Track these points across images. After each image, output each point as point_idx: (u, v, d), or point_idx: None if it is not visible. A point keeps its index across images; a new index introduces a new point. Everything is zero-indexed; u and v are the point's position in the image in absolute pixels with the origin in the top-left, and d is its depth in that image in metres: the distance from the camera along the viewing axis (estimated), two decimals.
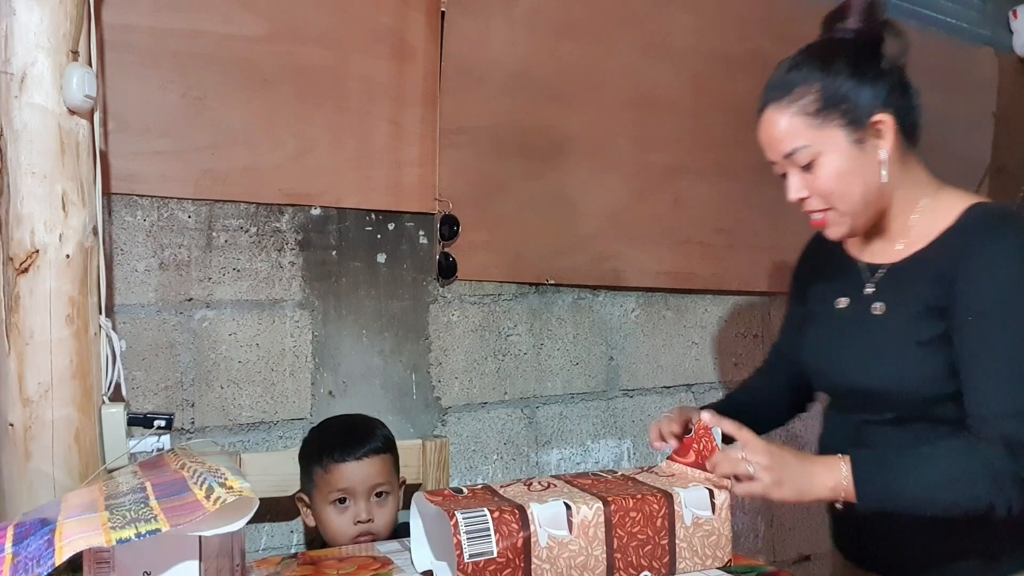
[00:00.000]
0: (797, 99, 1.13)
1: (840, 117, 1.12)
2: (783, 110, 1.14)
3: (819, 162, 1.13)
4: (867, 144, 1.13)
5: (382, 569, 1.14)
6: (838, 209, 1.16)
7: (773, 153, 1.17)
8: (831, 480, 1.08)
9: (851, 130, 1.12)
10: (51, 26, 1.18)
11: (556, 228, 1.84)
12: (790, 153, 1.14)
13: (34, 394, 1.18)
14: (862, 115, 1.12)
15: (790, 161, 1.15)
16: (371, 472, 1.39)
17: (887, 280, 1.20)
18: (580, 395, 1.92)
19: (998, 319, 1.07)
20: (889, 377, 1.15)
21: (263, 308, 1.56)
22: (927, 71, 2.47)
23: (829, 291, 1.28)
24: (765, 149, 1.18)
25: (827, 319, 1.27)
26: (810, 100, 1.12)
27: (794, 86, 1.14)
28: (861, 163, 1.13)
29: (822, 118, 1.12)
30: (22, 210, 1.18)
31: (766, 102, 1.16)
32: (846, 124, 1.12)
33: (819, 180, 1.14)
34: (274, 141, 1.53)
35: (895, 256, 1.20)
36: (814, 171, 1.14)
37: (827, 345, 1.26)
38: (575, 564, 1.06)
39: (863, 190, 1.15)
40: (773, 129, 1.15)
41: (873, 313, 1.19)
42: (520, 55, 1.77)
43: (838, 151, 1.13)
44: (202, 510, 0.86)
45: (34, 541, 0.84)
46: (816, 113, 1.12)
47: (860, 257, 1.25)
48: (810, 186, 1.15)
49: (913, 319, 1.14)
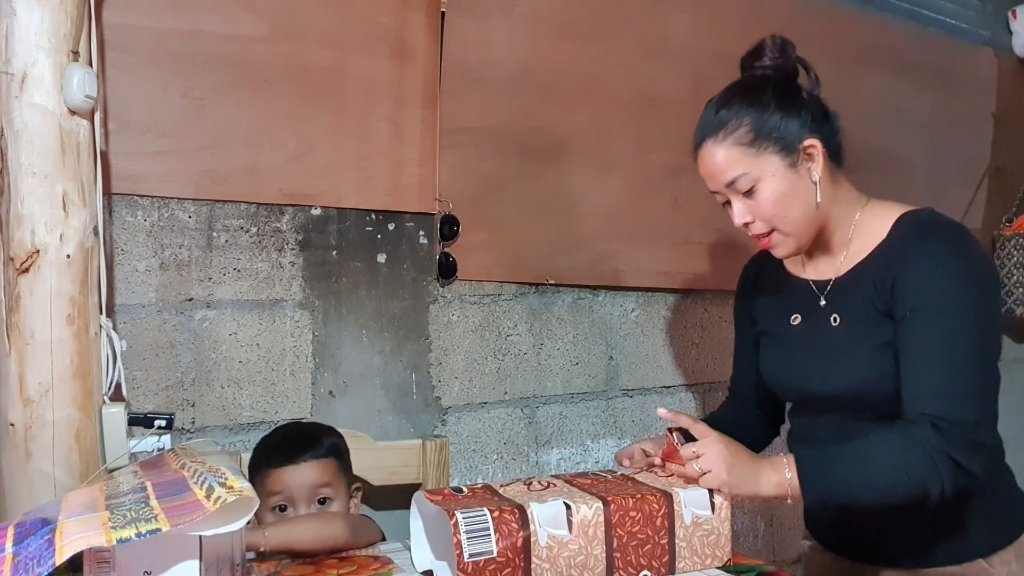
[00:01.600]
0: (731, 132, 1.20)
1: (773, 144, 1.19)
2: (719, 143, 1.21)
3: (759, 187, 1.20)
4: (800, 167, 1.21)
5: (382, 569, 1.14)
6: (781, 230, 1.23)
7: (715, 184, 1.24)
8: (775, 478, 1.14)
9: (784, 155, 1.20)
10: (52, 26, 1.18)
11: (556, 228, 1.84)
12: (731, 182, 1.21)
13: (35, 394, 1.18)
14: (793, 141, 1.20)
15: (732, 189, 1.22)
16: (310, 476, 1.34)
17: (836, 292, 1.27)
18: (580, 395, 1.92)
19: (929, 313, 1.14)
20: (854, 380, 1.21)
21: (263, 308, 1.56)
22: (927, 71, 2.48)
23: (781, 311, 1.34)
24: (708, 181, 1.25)
25: (784, 336, 1.33)
26: (743, 132, 1.20)
27: (727, 121, 1.21)
28: (797, 185, 1.20)
29: (756, 147, 1.19)
30: (23, 210, 1.18)
31: (702, 139, 1.23)
32: (779, 151, 1.20)
33: (761, 204, 1.21)
34: (274, 141, 1.53)
35: (839, 270, 1.27)
36: (755, 196, 1.21)
37: (790, 360, 1.32)
38: (575, 564, 1.06)
39: (803, 210, 1.22)
40: (712, 160, 1.22)
41: (832, 324, 1.25)
42: (520, 55, 1.77)
43: (775, 175, 1.20)
44: (202, 510, 0.86)
45: (34, 541, 0.84)
46: (751, 143, 1.20)
47: (805, 276, 1.32)
48: (753, 211, 1.22)
49: (865, 325, 1.21)
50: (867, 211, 1.26)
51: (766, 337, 1.38)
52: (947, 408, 1.11)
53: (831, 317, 1.25)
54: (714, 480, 1.13)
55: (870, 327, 1.20)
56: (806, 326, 1.30)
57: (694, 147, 1.25)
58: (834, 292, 1.27)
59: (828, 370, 1.24)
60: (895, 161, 2.27)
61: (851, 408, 1.22)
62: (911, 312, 1.15)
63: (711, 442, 1.15)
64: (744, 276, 1.48)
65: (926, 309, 1.14)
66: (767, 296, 1.39)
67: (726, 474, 1.13)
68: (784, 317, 1.33)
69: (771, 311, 1.37)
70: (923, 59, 2.38)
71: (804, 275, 1.32)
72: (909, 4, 2.40)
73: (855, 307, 1.23)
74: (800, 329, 1.30)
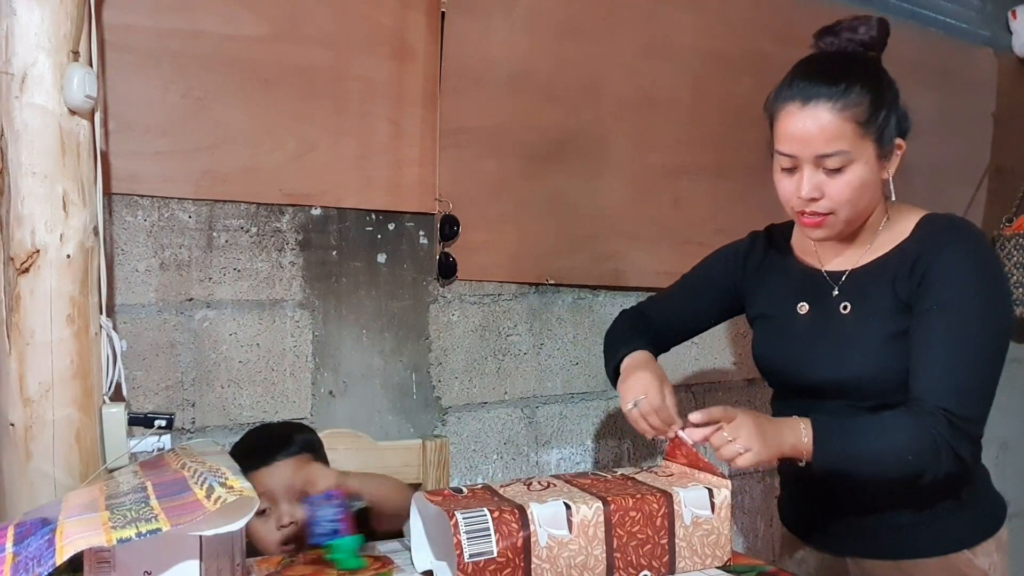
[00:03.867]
0: (852, 105, 1.15)
1: (876, 132, 1.17)
2: (836, 111, 1.15)
3: (848, 169, 1.17)
4: (883, 163, 1.20)
5: (382, 569, 1.14)
6: (839, 215, 1.20)
7: (806, 148, 1.16)
8: (792, 439, 1.15)
9: (879, 145, 1.18)
10: (52, 26, 1.18)
11: (556, 228, 1.84)
12: (828, 154, 1.15)
13: (35, 394, 1.18)
14: (890, 136, 1.20)
15: (819, 161, 1.16)
16: (287, 475, 1.31)
17: (850, 283, 1.27)
18: (580, 395, 1.92)
19: (956, 311, 1.16)
20: (862, 369, 1.22)
21: (263, 308, 1.56)
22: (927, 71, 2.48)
23: (786, 296, 1.34)
24: (795, 142, 1.17)
25: (789, 323, 1.33)
26: (862, 110, 1.15)
27: (849, 92, 1.15)
28: (876, 178, 1.20)
29: (865, 129, 1.16)
30: (23, 210, 1.18)
31: (815, 96, 1.15)
32: (877, 139, 1.18)
33: (841, 186, 1.17)
34: (274, 141, 1.53)
35: (856, 262, 1.28)
36: (839, 176, 1.17)
37: (795, 347, 1.31)
38: (575, 564, 1.06)
39: (868, 202, 1.22)
40: (818, 124, 1.15)
41: (842, 312, 1.26)
42: (520, 55, 1.77)
43: (867, 163, 1.18)
44: (202, 510, 0.86)
45: (35, 541, 0.84)
46: (864, 123, 1.16)
47: (820, 266, 1.32)
48: (827, 189, 1.18)
49: (879, 315, 1.22)
50: (893, 210, 1.28)
51: (765, 321, 1.38)
52: (960, 404, 1.14)
53: (841, 306, 1.26)
54: (753, 457, 1.12)
55: (883, 317, 1.21)
56: (814, 314, 1.29)
57: (792, 99, 1.16)
58: (848, 283, 1.27)
59: (837, 358, 1.25)
60: None
61: (854, 396, 1.23)
62: (938, 307, 1.16)
63: (740, 423, 1.14)
64: (750, 245, 1.44)
65: (954, 307, 1.16)
66: (772, 279, 1.38)
67: (763, 447, 1.12)
68: (789, 303, 1.32)
69: (774, 295, 1.36)
70: (923, 59, 2.38)
71: (817, 265, 1.32)
72: (909, 4, 2.40)
73: (869, 297, 1.24)
74: (808, 317, 1.30)
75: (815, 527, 1.36)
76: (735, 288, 1.44)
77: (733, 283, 1.44)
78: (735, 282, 1.44)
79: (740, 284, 1.43)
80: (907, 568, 1.26)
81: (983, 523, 1.28)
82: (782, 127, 1.18)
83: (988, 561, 1.25)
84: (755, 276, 1.41)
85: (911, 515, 1.25)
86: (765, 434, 1.14)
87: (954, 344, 1.16)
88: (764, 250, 1.42)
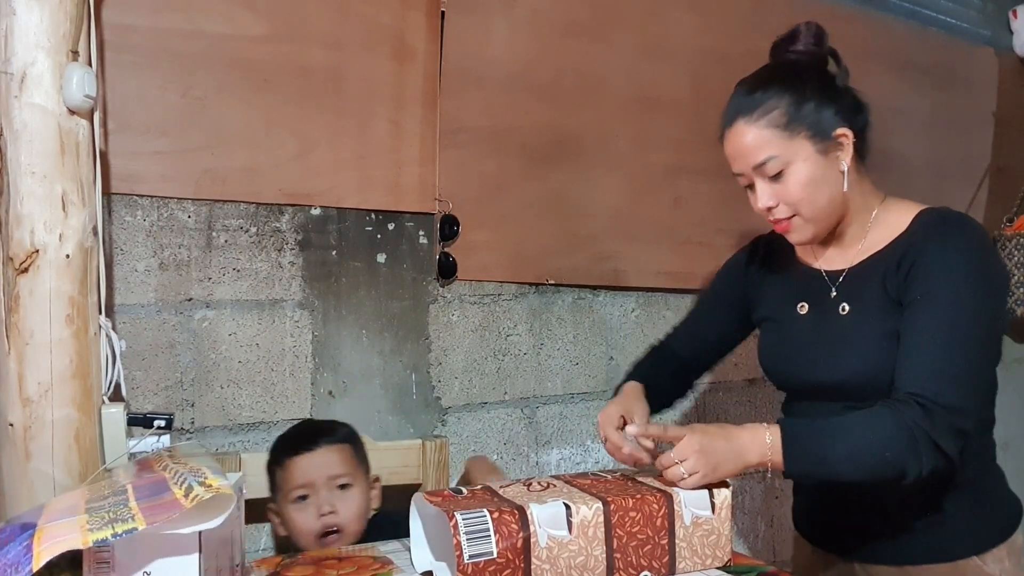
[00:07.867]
0: (766, 113, 1.20)
1: (807, 129, 1.19)
2: (752, 124, 1.20)
3: (788, 171, 1.20)
4: (830, 156, 1.21)
5: (382, 569, 1.14)
6: (804, 215, 1.22)
7: (742, 164, 1.23)
8: (756, 446, 1.12)
9: (816, 141, 1.20)
10: (51, 26, 1.18)
11: (556, 228, 1.84)
12: (760, 163, 1.21)
13: (34, 394, 1.18)
14: (826, 128, 1.20)
15: (759, 172, 1.22)
16: (327, 462, 1.39)
17: (848, 282, 1.27)
18: (580, 395, 1.92)
19: (938, 300, 1.14)
20: (862, 368, 1.21)
21: (263, 308, 1.56)
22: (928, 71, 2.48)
23: (787, 297, 1.34)
24: (735, 161, 1.24)
25: (790, 324, 1.33)
26: (778, 114, 1.20)
27: (762, 102, 1.20)
28: (826, 172, 1.21)
29: (790, 130, 1.19)
30: (22, 210, 1.18)
31: (734, 118, 1.22)
32: (812, 136, 1.20)
33: (789, 188, 1.21)
34: (274, 141, 1.53)
35: (852, 260, 1.28)
36: (783, 180, 1.21)
37: (796, 347, 1.31)
38: (575, 564, 1.06)
39: (828, 197, 1.22)
40: (743, 140, 1.21)
41: (841, 313, 1.26)
42: (520, 55, 1.77)
43: (806, 160, 1.20)
44: (179, 507, 0.85)
45: (13, 548, 0.84)
46: (785, 126, 1.19)
47: (817, 265, 1.32)
48: (779, 195, 1.22)
49: (874, 315, 1.22)
50: (885, 206, 1.27)
51: (769, 323, 1.38)
52: (936, 390, 1.09)
53: (840, 306, 1.26)
54: (700, 479, 1.12)
55: (880, 316, 1.20)
56: (814, 314, 1.29)
57: (723, 126, 1.25)
58: (846, 282, 1.27)
59: (835, 358, 1.24)
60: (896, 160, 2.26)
61: (855, 396, 1.22)
62: (922, 296, 1.15)
63: (687, 443, 1.12)
64: (752, 250, 1.46)
65: (937, 296, 1.14)
66: (774, 281, 1.39)
67: (709, 468, 1.11)
68: (790, 304, 1.33)
69: (777, 297, 1.37)
70: (924, 59, 2.38)
71: (816, 264, 1.32)
72: (910, 4, 2.39)
73: (866, 296, 1.23)
74: (807, 317, 1.30)
75: (825, 531, 1.35)
76: (744, 297, 1.44)
77: (742, 292, 1.44)
78: (743, 291, 1.44)
79: (747, 291, 1.44)
80: (913, 574, 1.24)
81: (995, 527, 1.25)
82: (725, 151, 1.26)
83: (999, 568, 1.21)
84: (758, 280, 1.42)
85: (921, 519, 1.22)
86: (716, 454, 1.11)
87: (935, 331, 1.13)
88: (766, 253, 1.43)
